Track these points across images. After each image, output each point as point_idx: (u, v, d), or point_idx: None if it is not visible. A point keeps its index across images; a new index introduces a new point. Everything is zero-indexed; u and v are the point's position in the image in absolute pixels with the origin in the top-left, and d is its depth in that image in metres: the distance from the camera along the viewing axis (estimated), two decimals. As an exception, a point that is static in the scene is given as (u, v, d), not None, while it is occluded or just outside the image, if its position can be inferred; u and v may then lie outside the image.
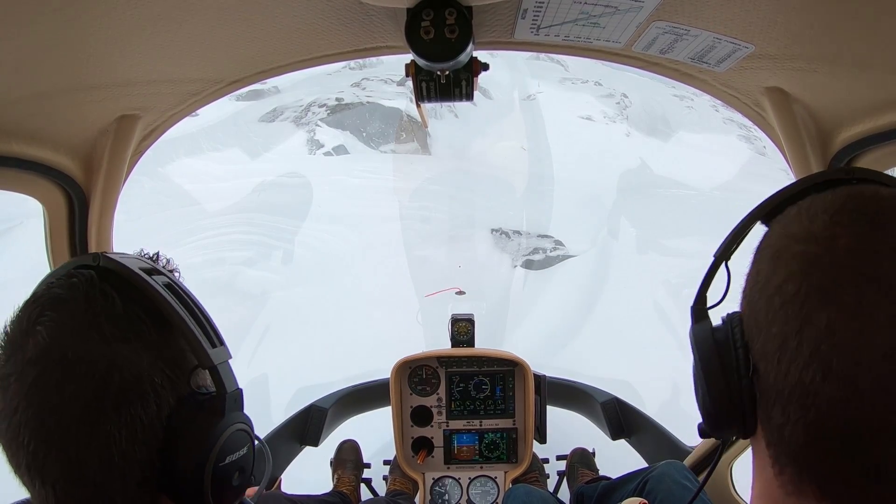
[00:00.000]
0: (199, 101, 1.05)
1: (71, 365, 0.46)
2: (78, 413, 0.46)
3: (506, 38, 0.92)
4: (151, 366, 0.49)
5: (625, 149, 10.14)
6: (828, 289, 0.38)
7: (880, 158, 0.91)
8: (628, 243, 7.05)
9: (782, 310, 0.40)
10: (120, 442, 0.47)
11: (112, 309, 0.49)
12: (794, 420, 0.39)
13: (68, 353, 0.46)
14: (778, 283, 0.41)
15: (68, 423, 0.46)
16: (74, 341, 0.47)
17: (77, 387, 0.46)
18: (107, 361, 0.47)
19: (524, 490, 1.55)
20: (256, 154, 9.20)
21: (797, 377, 0.39)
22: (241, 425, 0.54)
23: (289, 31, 0.87)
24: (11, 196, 1.00)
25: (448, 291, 5.81)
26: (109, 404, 0.47)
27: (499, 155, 9.75)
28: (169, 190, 7.48)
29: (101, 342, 0.47)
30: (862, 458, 0.37)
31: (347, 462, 2.05)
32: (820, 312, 0.38)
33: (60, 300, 0.49)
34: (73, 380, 0.46)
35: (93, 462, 0.46)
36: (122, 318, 0.49)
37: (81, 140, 1.01)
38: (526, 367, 1.88)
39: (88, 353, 0.47)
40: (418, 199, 8.16)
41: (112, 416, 0.47)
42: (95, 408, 0.46)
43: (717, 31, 0.80)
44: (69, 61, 0.79)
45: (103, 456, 0.47)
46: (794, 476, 0.41)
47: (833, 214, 0.40)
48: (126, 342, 0.49)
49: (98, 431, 0.46)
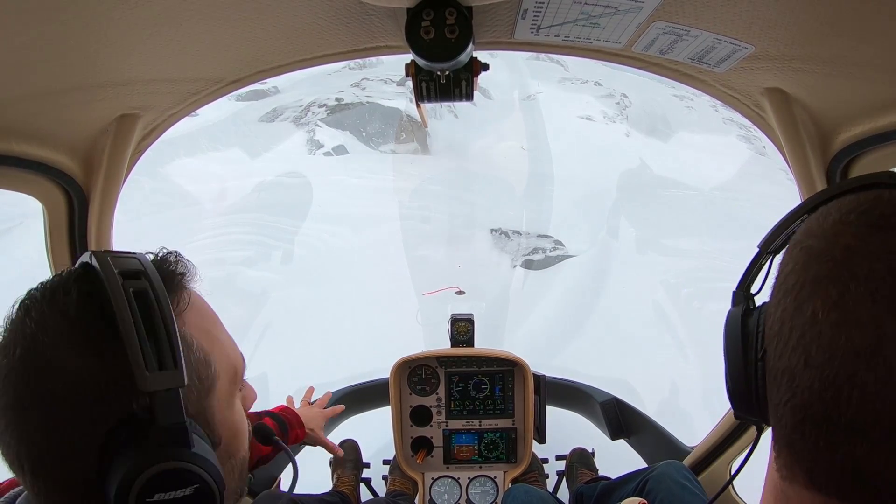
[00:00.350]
0: (199, 100, 1.05)
1: (22, 363, 0.47)
2: (35, 415, 0.46)
3: (506, 38, 0.92)
4: (92, 377, 0.47)
5: (625, 149, 10.14)
6: (819, 281, 0.40)
7: (880, 159, 0.91)
8: (628, 243, 7.06)
9: (784, 297, 0.42)
10: (61, 448, 0.47)
11: (67, 310, 0.48)
12: (784, 402, 0.41)
13: (19, 350, 0.47)
14: (786, 273, 0.43)
15: (29, 419, 0.47)
16: (29, 341, 0.47)
17: (26, 388, 0.46)
18: (53, 366, 0.46)
19: (523, 490, 1.56)
20: (256, 154, 9.20)
21: (787, 361, 0.41)
22: (178, 464, 0.47)
23: (289, 31, 0.87)
24: (11, 196, 1.00)
25: (447, 291, 5.81)
26: (58, 404, 0.46)
27: (499, 155, 9.75)
28: (169, 190, 7.48)
29: (50, 345, 0.47)
30: (842, 453, 0.38)
31: (347, 462, 2.05)
32: (808, 302, 0.40)
33: (31, 296, 0.50)
34: (23, 381, 0.47)
35: (48, 466, 0.47)
36: (76, 322, 0.48)
37: (81, 139, 1.01)
38: (525, 367, 1.88)
39: (37, 354, 0.47)
40: (418, 199, 8.16)
41: (58, 416, 0.47)
42: (43, 411, 0.46)
43: (718, 32, 0.80)
44: (69, 61, 0.79)
45: (53, 458, 0.47)
46: (788, 460, 0.43)
47: (843, 214, 0.42)
48: (73, 347, 0.47)
49: (45, 434, 0.47)
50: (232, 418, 0.59)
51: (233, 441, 0.59)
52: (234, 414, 0.60)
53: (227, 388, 0.59)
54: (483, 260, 6.88)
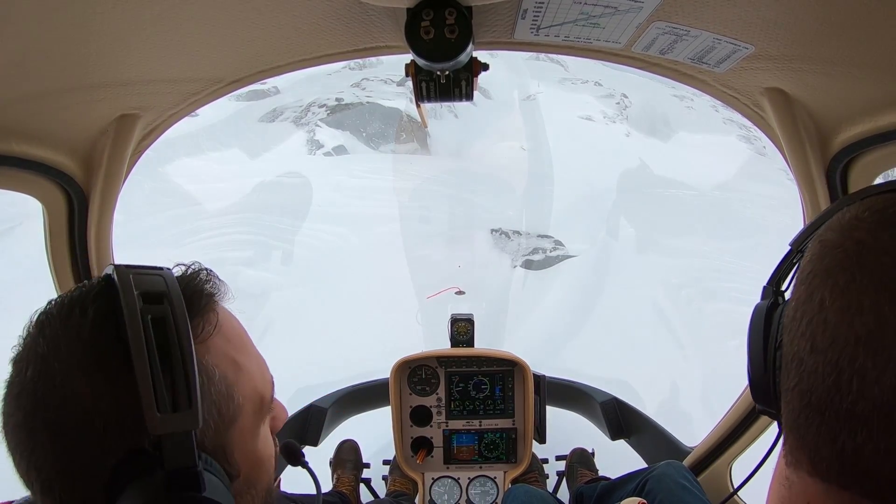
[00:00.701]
0: (199, 100, 1.05)
1: (33, 384, 0.45)
2: (43, 439, 0.45)
3: (506, 38, 0.92)
4: (103, 407, 0.44)
5: (625, 149, 10.15)
6: (829, 271, 0.41)
7: (880, 159, 0.91)
8: (628, 243, 7.06)
9: (799, 286, 0.44)
10: (69, 474, 0.45)
11: (81, 332, 0.46)
12: (792, 386, 0.42)
13: (31, 371, 0.45)
14: (803, 264, 0.45)
15: (37, 441, 0.45)
16: (40, 363, 0.45)
17: (35, 410, 0.45)
18: (63, 392, 0.44)
19: (524, 490, 1.56)
20: (256, 154, 9.20)
21: (796, 346, 0.42)
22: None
23: (289, 31, 0.87)
24: (11, 196, 1.00)
25: (448, 291, 5.81)
26: (66, 431, 0.45)
27: (499, 155, 9.75)
28: (169, 190, 7.48)
29: (61, 369, 0.45)
30: (842, 440, 0.38)
31: (347, 462, 2.05)
32: (817, 291, 0.41)
33: (47, 312, 0.48)
34: (32, 403, 0.45)
35: (56, 489, 0.46)
36: (90, 347, 0.45)
37: (81, 140, 1.01)
38: (525, 367, 1.88)
39: (48, 377, 0.45)
40: (418, 199, 8.17)
41: (65, 443, 0.45)
42: (51, 436, 0.45)
43: (717, 32, 0.80)
44: (69, 61, 0.79)
45: (61, 483, 0.45)
46: (793, 445, 0.43)
47: (861, 211, 0.43)
48: (85, 373, 0.45)
49: (53, 458, 0.45)
50: (255, 449, 0.56)
51: (254, 471, 0.56)
52: (257, 444, 0.56)
53: (252, 419, 0.55)
54: (483, 260, 6.88)
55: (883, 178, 0.63)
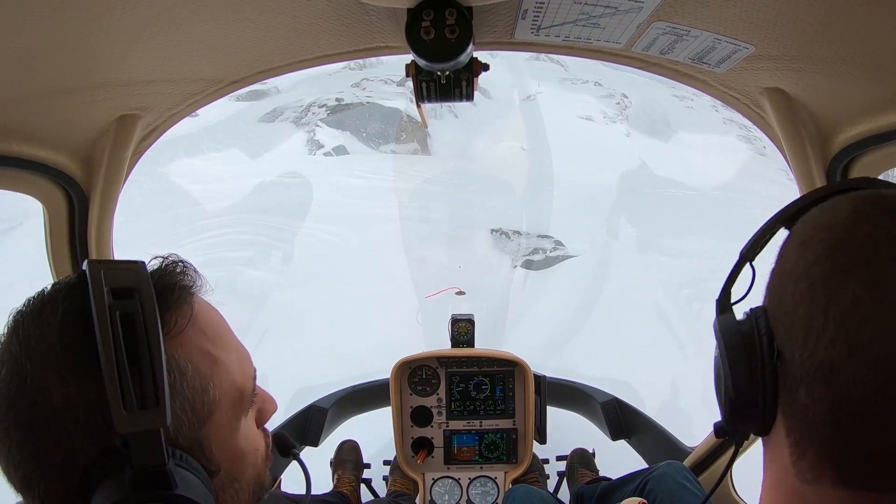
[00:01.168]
0: (199, 101, 1.05)
1: (5, 384, 0.45)
2: (17, 436, 0.45)
3: (506, 38, 0.92)
4: (73, 407, 0.45)
5: (625, 149, 10.15)
6: (850, 268, 0.40)
7: (880, 159, 0.91)
8: (628, 243, 7.06)
9: (809, 291, 0.42)
10: (45, 471, 0.45)
11: (50, 332, 0.46)
12: (819, 398, 0.41)
13: (4, 371, 0.46)
14: (805, 267, 0.43)
15: (13, 440, 0.45)
16: (13, 363, 0.46)
17: (10, 410, 0.45)
18: (34, 392, 0.45)
19: (524, 490, 1.55)
20: (256, 154, 9.20)
21: (823, 354, 0.40)
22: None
23: (289, 31, 0.87)
24: (11, 196, 1.00)
25: (448, 292, 5.82)
26: (37, 431, 0.45)
27: (499, 155, 9.75)
28: (169, 190, 7.49)
29: (32, 370, 0.45)
30: (875, 442, 0.38)
31: (347, 462, 2.05)
32: (845, 289, 0.40)
33: (21, 312, 0.48)
34: (6, 402, 0.45)
35: (34, 486, 0.46)
36: (59, 346, 0.45)
37: (81, 140, 1.01)
38: (526, 368, 1.88)
39: (20, 378, 0.45)
40: (418, 200, 8.17)
41: (37, 443, 0.45)
42: (24, 434, 0.45)
43: (718, 32, 0.80)
44: (69, 61, 0.79)
45: (38, 479, 0.46)
46: (815, 460, 0.42)
47: (856, 206, 0.44)
48: (55, 373, 0.45)
49: (28, 456, 0.45)
50: (235, 443, 0.55)
51: (235, 465, 0.55)
52: (238, 438, 0.56)
53: (230, 413, 0.54)
54: (483, 260, 6.88)
55: (883, 178, 0.63)
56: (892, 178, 2.64)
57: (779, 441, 0.47)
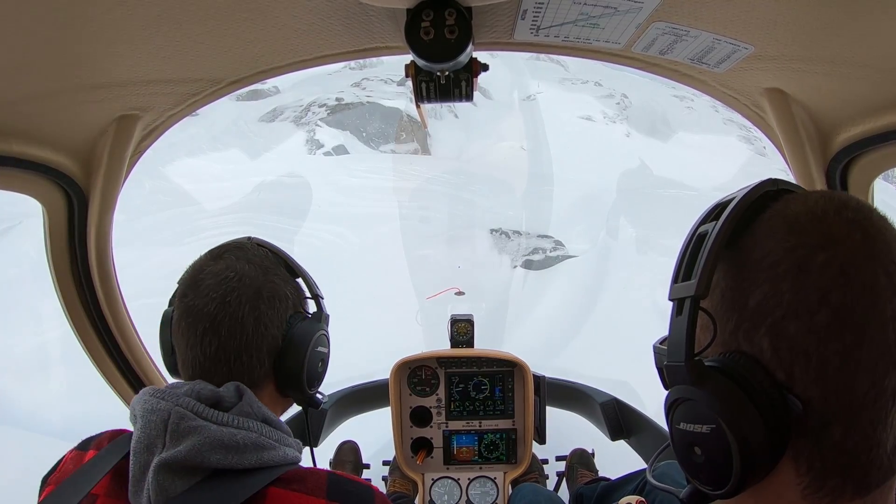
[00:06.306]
0: (199, 101, 1.05)
1: (241, 278, 0.74)
2: (247, 301, 0.73)
3: (505, 38, 0.92)
4: (285, 289, 0.79)
5: (625, 149, 10.15)
6: (875, 285, 0.38)
7: (880, 159, 0.91)
8: (628, 243, 7.06)
9: (837, 321, 0.39)
10: (266, 318, 0.75)
11: (265, 256, 0.79)
12: (866, 433, 0.39)
13: (238, 272, 0.74)
14: (818, 298, 0.39)
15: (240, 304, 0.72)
16: (244, 267, 0.75)
17: (247, 290, 0.74)
18: (261, 280, 0.75)
19: (531, 488, 1.55)
20: (256, 154, 9.21)
21: (865, 389, 0.38)
22: (325, 332, 0.84)
23: (289, 31, 0.87)
24: (11, 196, 1.00)
25: (447, 292, 5.82)
26: (263, 300, 0.75)
27: (499, 155, 9.76)
28: (169, 190, 7.48)
29: (259, 271, 0.76)
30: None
31: (347, 463, 2.05)
32: (887, 305, 0.38)
33: (238, 246, 0.78)
34: (245, 286, 0.74)
35: (248, 326, 0.73)
36: (271, 262, 0.79)
37: (81, 140, 1.01)
38: (525, 368, 1.88)
39: (252, 275, 0.75)
40: (418, 199, 8.17)
41: (264, 306, 0.74)
42: (255, 299, 0.74)
43: (717, 32, 0.80)
44: (69, 61, 0.79)
45: (255, 325, 0.73)
46: (838, 482, 0.41)
47: (838, 211, 0.41)
48: (273, 274, 0.78)
49: (256, 311, 0.73)
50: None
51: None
52: None
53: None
54: (483, 260, 6.88)
55: (883, 178, 0.63)
56: (893, 178, 2.64)
57: (780, 482, 0.44)
